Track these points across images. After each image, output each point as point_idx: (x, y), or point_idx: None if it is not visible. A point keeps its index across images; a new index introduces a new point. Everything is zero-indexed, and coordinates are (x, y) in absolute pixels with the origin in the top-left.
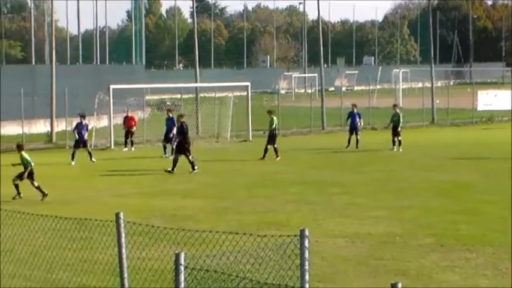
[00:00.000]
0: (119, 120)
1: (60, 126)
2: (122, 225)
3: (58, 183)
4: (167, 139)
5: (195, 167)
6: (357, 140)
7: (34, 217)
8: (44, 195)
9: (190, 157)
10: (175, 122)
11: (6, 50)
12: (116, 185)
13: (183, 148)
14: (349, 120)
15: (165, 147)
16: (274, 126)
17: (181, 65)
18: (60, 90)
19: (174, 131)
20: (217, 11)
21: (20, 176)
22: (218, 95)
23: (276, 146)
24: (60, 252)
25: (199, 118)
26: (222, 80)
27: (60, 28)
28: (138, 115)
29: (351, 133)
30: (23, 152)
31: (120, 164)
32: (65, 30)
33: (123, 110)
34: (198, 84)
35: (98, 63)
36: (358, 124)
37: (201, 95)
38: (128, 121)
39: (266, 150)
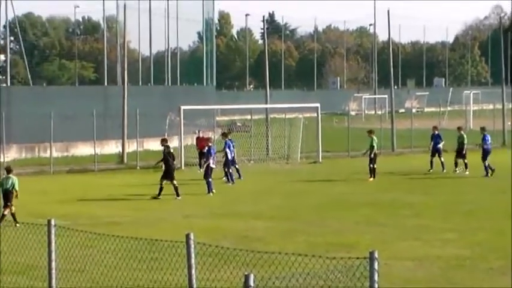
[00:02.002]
0: (189, 141)
1: (131, 147)
2: (192, 246)
3: (129, 204)
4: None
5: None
6: (442, 163)
7: (105, 237)
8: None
9: (174, 183)
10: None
11: (79, 71)
12: (186, 206)
13: (167, 174)
14: (432, 143)
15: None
16: (374, 146)
17: (251, 86)
18: (131, 111)
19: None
20: (288, 32)
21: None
22: (288, 116)
23: (374, 166)
24: (130, 272)
25: (269, 139)
26: (292, 101)
27: (132, 49)
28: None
29: (433, 155)
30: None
31: (190, 184)
32: (137, 51)
33: (193, 131)
34: (268, 106)
35: (169, 84)
36: (440, 146)
37: (271, 116)
38: (200, 142)
39: (372, 169)
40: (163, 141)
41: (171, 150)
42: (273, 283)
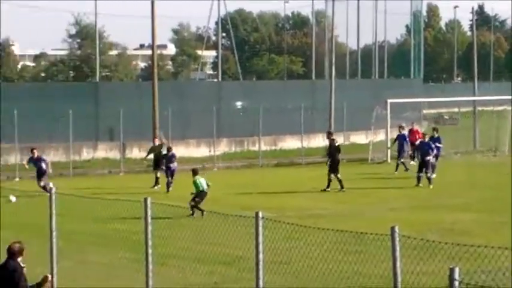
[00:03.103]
0: (395, 134)
1: (338, 140)
2: (397, 239)
3: (334, 197)
4: (399, 155)
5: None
6: None
7: (311, 230)
8: (192, 214)
9: (338, 176)
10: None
11: (288, 65)
12: (392, 199)
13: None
14: None
15: (397, 165)
16: None
17: (459, 78)
18: (338, 105)
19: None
20: (498, 23)
21: (193, 199)
22: (496, 108)
23: None
24: (336, 265)
25: (476, 132)
26: (500, 93)
27: (340, 43)
28: None
29: None
30: (196, 177)
31: (395, 177)
32: (345, 45)
33: (399, 124)
34: (476, 98)
35: (377, 77)
36: None
37: (479, 108)
38: (413, 134)
39: None
40: (329, 135)
41: (337, 144)
42: (478, 277)
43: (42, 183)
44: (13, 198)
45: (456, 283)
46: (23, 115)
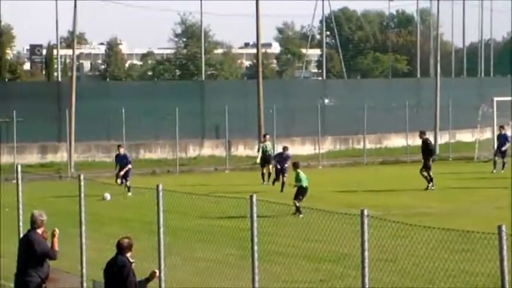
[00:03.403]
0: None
1: (443, 138)
2: (504, 238)
3: (438, 195)
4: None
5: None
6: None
7: (417, 228)
8: (299, 212)
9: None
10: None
11: (392, 63)
12: (497, 197)
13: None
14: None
15: (495, 163)
16: None
17: None
18: (443, 103)
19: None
20: None
21: (296, 197)
22: None
23: None
24: (441, 263)
25: None
26: None
27: (445, 41)
28: None
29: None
30: (298, 170)
31: (501, 176)
32: (450, 43)
33: (506, 122)
34: None
35: (482, 75)
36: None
37: None
38: None
39: None
40: (422, 134)
41: (430, 142)
42: None
43: (120, 181)
44: (107, 196)
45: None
46: (130, 113)
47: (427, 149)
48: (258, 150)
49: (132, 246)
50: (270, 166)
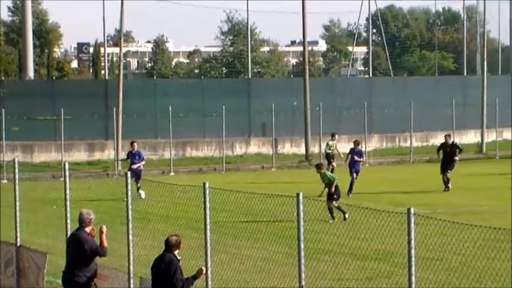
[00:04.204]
0: None
1: (491, 136)
2: None
3: (486, 194)
4: None
5: None
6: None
7: (464, 226)
8: (344, 214)
9: None
10: None
11: (439, 61)
12: None
13: None
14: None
15: None
16: None
17: None
18: (490, 101)
19: None
20: None
21: (330, 198)
22: None
23: None
24: (488, 262)
25: None
26: None
27: (491, 39)
28: None
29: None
30: (323, 171)
31: None
32: (497, 41)
33: None
34: None
35: None
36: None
37: None
38: None
39: None
40: (448, 137)
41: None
42: None
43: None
44: (142, 194)
45: None
46: (177, 111)
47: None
48: (326, 149)
49: (180, 244)
50: (334, 163)
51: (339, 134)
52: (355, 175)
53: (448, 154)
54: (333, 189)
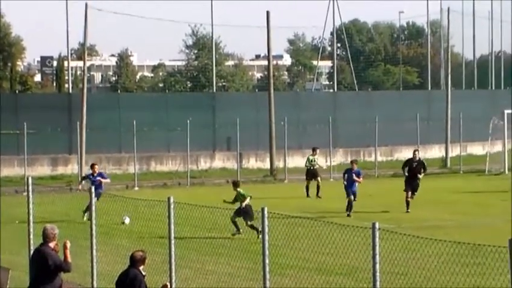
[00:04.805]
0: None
1: (455, 151)
2: None
3: (451, 208)
4: None
5: None
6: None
7: (428, 241)
8: (258, 232)
9: None
10: None
11: (403, 75)
12: (509, 210)
13: None
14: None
15: None
16: None
17: None
18: (455, 115)
19: None
20: None
21: (237, 212)
22: None
23: None
24: (453, 277)
25: None
26: None
27: (455, 53)
28: None
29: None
30: (238, 189)
31: None
32: (461, 55)
33: None
34: None
35: (493, 87)
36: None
37: None
38: None
39: None
40: (416, 152)
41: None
42: None
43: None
44: (127, 220)
45: None
46: (141, 125)
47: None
48: (306, 164)
49: (145, 259)
50: (319, 178)
51: (304, 148)
52: (352, 197)
53: (413, 170)
54: (243, 204)
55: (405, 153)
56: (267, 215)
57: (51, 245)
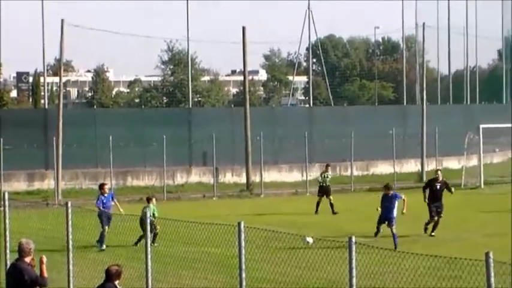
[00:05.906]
0: (488, 159)
1: (431, 165)
2: (491, 265)
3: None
4: None
5: None
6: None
7: (405, 255)
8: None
9: None
10: None
11: (379, 90)
12: (485, 224)
13: None
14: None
15: None
16: None
17: None
18: (430, 130)
19: None
20: None
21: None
22: None
23: None
24: None
25: None
26: None
27: (431, 68)
28: (507, 155)
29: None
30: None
31: (490, 203)
32: (436, 70)
33: (492, 149)
34: None
35: (468, 102)
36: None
37: None
38: None
39: None
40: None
41: None
42: None
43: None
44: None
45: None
46: (117, 140)
47: None
48: (319, 180)
49: (120, 274)
50: (331, 197)
51: (280, 163)
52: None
53: (436, 193)
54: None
55: (381, 168)
56: (243, 229)
57: (27, 259)
